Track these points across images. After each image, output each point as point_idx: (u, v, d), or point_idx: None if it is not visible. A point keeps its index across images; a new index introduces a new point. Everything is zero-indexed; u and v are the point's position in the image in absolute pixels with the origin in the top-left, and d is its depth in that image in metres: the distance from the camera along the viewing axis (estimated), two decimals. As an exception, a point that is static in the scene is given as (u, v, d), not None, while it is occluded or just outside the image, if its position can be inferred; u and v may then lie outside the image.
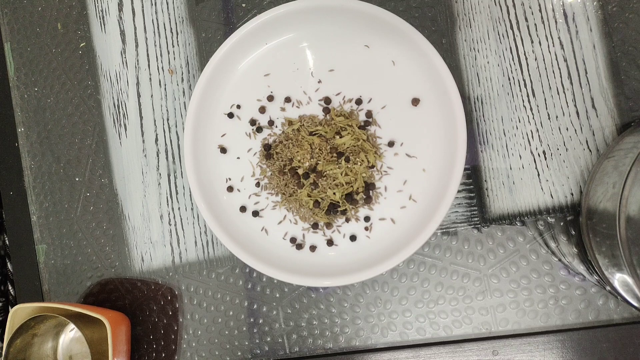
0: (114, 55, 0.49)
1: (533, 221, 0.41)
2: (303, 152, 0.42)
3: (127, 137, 0.49)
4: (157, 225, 0.48)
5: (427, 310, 0.42)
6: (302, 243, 0.43)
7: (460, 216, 0.42)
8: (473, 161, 0.42)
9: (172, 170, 0.48)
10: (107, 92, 0.49)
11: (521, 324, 0.41)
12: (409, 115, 0.42)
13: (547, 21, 0.42)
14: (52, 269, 0.50)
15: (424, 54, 0.40)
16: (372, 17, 0.41)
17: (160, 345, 0.47)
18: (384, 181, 0.42)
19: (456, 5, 0.43)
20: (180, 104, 0.48)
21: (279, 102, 0.45)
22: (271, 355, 0.45)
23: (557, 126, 0.41)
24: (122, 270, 0.48)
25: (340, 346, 0.44)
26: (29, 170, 0.51)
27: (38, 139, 0.51)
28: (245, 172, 0.45)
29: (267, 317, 0.45)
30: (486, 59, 0.42)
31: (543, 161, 0.41)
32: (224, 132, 0.45)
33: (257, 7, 0.46)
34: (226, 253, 0.46)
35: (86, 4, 0.50)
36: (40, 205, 0.51)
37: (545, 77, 0.41)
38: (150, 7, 0.49)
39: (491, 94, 0.42)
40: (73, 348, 0.48)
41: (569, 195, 0.41)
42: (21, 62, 0.52)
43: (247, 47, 0.44)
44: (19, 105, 0.52)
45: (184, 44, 0.48)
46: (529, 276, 0.41)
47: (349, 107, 0.43)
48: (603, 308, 0.40)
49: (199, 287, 0.46)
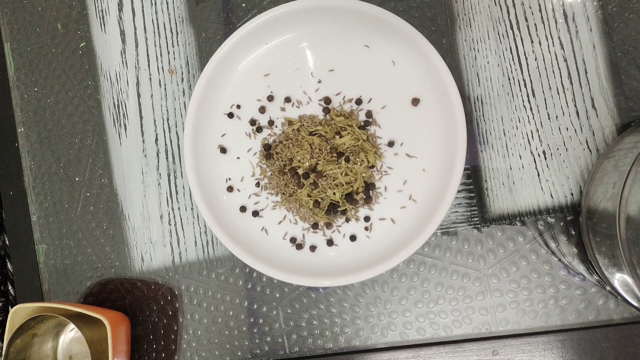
0: (114, 55, 0.49)
1: (533, 221, 0.41)
2: (303, 152, 0.42)
3: (127, 137, 0.49)
4: (157, 225, 0.48)
5: (427, 310, 0.42)
6: (302, 243, 0.43)
7: (460, 216, 0.42)
8: (473, 161, 0.42)
9: (172, 170, 0.48)
10: (107, 92, 0.49)
11: (521, 324, 0.41)
12: (409, 115, 0.42)
13: (547, 21, 0.42)
14: (52, 269, 0.50)
15: (424, 54, 0.40)
16: (372, 17, 0.41)
17: (160, 345, 0.47)
18: (384, 181, 0.42)
19: (456, 5, 0.43)
20: (180, 104, 0.48)
21: (279, 102, 0.45)
22: (271, 355, 0.45)
23: (557, 126, 0.41)
24: (122, 270, 0.48)
25: (340, 346, 0.44)
26: (29, 170, 0.51)
27: (38, 139, 0.51)
28: (245, 172, 0.45)
29: (267, 317, 0.45)
30: (486, 59, 0.42)
31: (543, 161, 0.41)
32: (224, 132, 0.45)
33: (257, 7, 0.46)
34: (226, 253, 0.46)
35: (86, 4, 0.50)
36: (40, 205, 0.51)
37: (545, 77, 0.41)
38: (150, 7, 0.49)
39: (491, 94, 0.42)
40: (73, 348, 0.48)
41: (569, 195, 0.41)
42: (21, 62, 0.52)
43: (247, 47, 0.44)
44: (19, 105, 0.52)
45: (184, 44, 0.48)
46: (529, 276, 0.41)
47: (349, 107, 0.43)
48: (603, 308, 0.40)
49: (199, 287, 0.46)
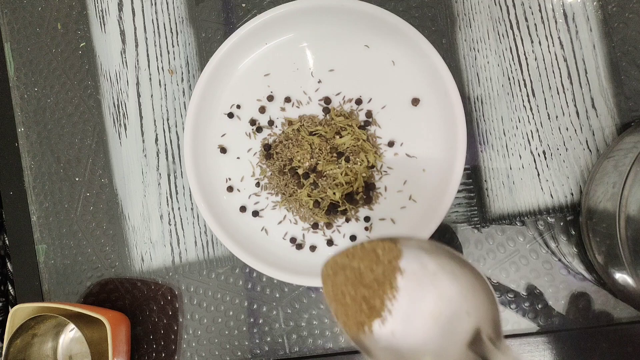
0: (114, 55, 0.49)
1: (533, 221, 0.41)
2: (303, 152, 0.42)
3: (127, 137, 0.49)
4: (157, 225, 0.48)
5: (427, 310, 0.42)
6: (302, 243, 0.43)
7: (460, 216, 0.42)
8: (473, 161, 0.42)
9: (172, 170, 0.48)
10: (107, 92, 0.49)
11: (521, 324, 0.41)
12: (409, 115, 0.42)
13: (547, 21, 0.42)
14: (52, 269, 0.50)
15: (424, 54, 0.40)
16: (372, 17, 0.41)
17: (160, 345, 0.47)
18: (384, 181, 0.42)
19: (456, 5, 0.43)
20: (180, 104, 0.48)
21: (279, 102, 0.45)
22: (271, 355, 0.45)
23: (557, 126, 0.41)
24: (122, 270, 0.48)
25: (340, 346, 0.44)
26: (29, 170, 0.51)
27: (38, 139, 0.51)
28: (245, 172, 0.45)
29: (267, 317, 0.45)
30: (486, 59, 0.42)
31: (543, 161, 0.41)
32: (224, 132, 0.45)
33: (257, 7, 0.46)
34: (226, 253, 0.46)
35: (86, 4, 0.50)
36: (40, 205, 0.51)
37: (545, 77, 0.41)
38: (150, 7, 0.49)
39: (491, 94, 0.42)
40: (73, 348, 0.48)
41: (569, 195, 0.41)
42: (21, 62, 0.52)
43: (247, 47, 0.44)
44: (19, 105, 0.52)
45: (184, 44, 0.48)
46: (529, 276, 0.41)
47: (349, 107, 0.43)
48: (603, 308, 0.40)
49: (199, 287, 0.46)
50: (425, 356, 0.29)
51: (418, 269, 0.30)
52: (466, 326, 0.29)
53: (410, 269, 0.30)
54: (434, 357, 0.29)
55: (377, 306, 0.30)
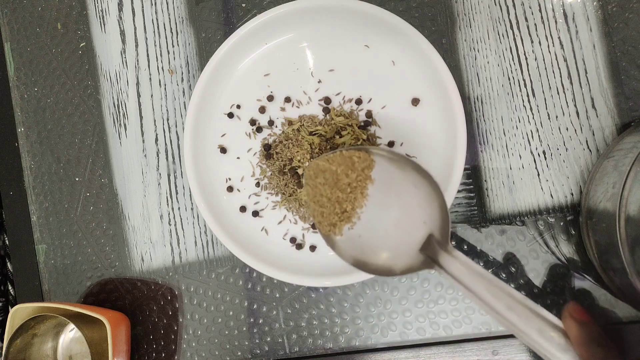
0: (113, 55, 0.49)
1: (533, 221, 0.41)
2: (303, 152, 0.42)
3: (127, 137, 0.49)
4: (157, 225, 0.48)
5: (427, 310, 0.42)
6: (302, 243, 0.43)
7: (460, 216, 0.42)
8: (473, 161, 0.42)
9: (172, 170, 0.48)
10: (107, 92, 0.49)
11: (521, 324, 0.41)
12: (409, 115, 0.42)
13: (547, 21, 0.42)
14: (52, 269, 0.50)
15: (424, 54, 0.40)
16: (372, 17, 0.41)
17: (160, 345, 0.47)
18: (384, 181, 0.42)
19: (456, 5, 0.43)
20: (180, 104, 0.48)
21: (279, 102, 0.45)
22: (271, 355, 0.45)
23: (557, 126, 0.41)
24: (122, 270, 0.48)
25: (340, 346, 0.44)
26: (29, 170, 0.51)
27: (38, 139, 0.51)
28: (245, 172, 0.45)
29: (267, 317, 0.45)
30: (486, 59, 0.42)
31: (543, 161, 0.41)
32: (224, 132, 0.45)
33: (257, 7, 0.46)
34: (226, 253, 0.46)
35: (86, 4, 0.50)
36: (40, 205, 0.51)
37: (545, 77, 0.41)
38: (150, 7, 0.49)
39: (491, 94, 0.42)
40: (73, 348, 0.48)
41: (569, 195, 0.41)
42: (21, 62, 0.52)
43: (247, 47, 0.44)
44: (19, 105, 0.52)
45: (184, 44, 0.48)
46: (529, 276, 0.41)
47: (349, 107, 0.43)
48: (603, 308, 0.40)
49: (199, 287, 0.46)
50: (383, 252, 0.35)
51: (386, 180, 0.35)
52: (421, 233, 0.34)
53: (380, 179, 0.36)
54: (390, 254, 0.35)
55: (349, 211, 0.36)
